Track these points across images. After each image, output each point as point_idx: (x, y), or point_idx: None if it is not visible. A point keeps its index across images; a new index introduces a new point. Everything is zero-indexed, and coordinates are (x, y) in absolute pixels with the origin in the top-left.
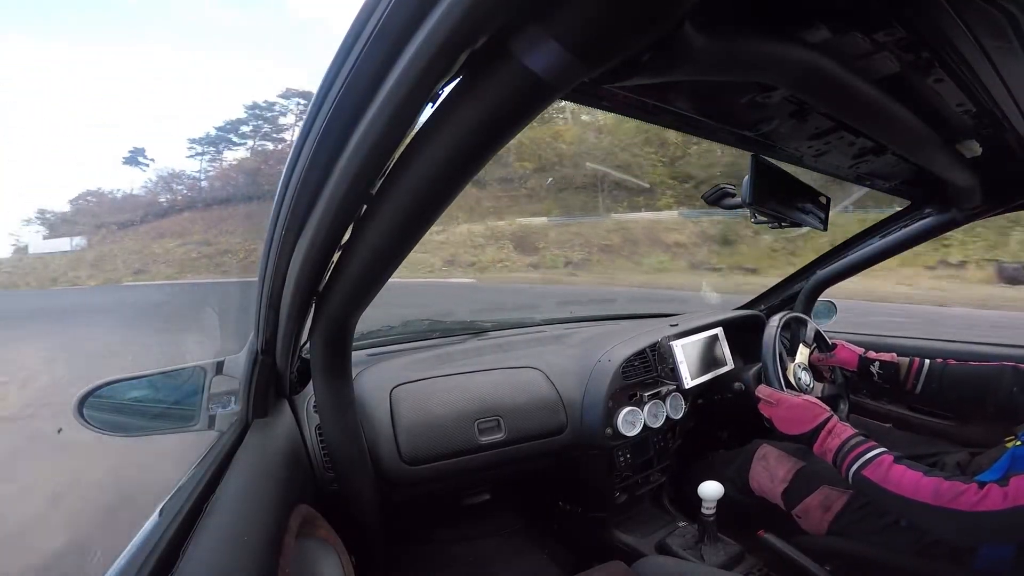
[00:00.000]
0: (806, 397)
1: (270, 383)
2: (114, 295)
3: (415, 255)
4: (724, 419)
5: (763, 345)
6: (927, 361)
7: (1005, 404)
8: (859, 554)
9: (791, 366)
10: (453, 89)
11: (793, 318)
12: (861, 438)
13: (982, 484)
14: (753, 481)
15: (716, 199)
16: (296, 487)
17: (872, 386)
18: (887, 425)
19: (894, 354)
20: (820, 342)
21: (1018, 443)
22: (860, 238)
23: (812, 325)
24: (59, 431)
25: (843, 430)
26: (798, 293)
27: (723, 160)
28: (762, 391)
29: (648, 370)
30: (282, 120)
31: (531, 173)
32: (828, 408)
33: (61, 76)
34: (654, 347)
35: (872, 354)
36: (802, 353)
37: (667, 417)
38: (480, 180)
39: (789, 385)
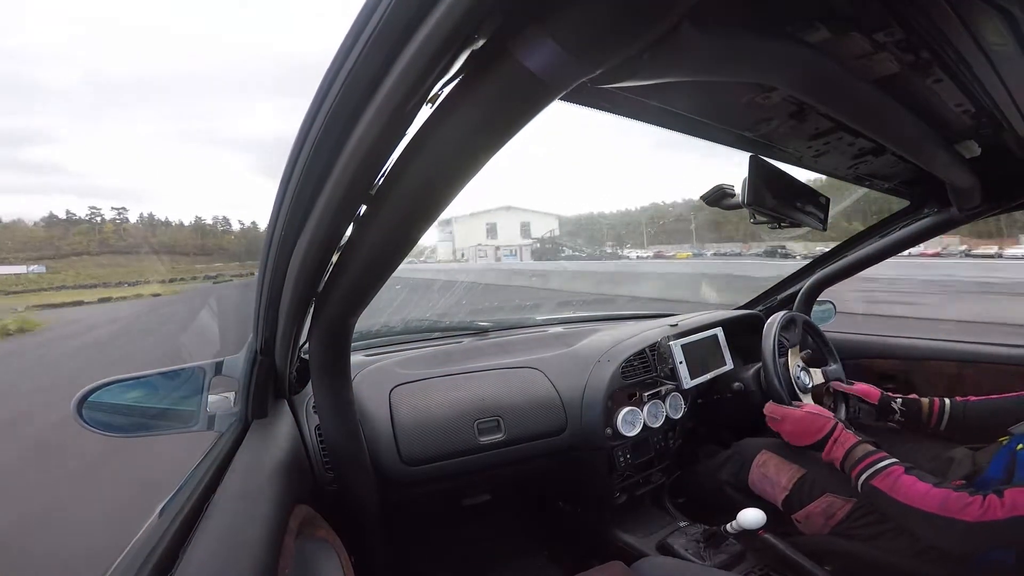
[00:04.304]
0: (808, 407)
1: (269, 383)
2: None
3: None
4: (724, 419)
5: (763, 345)
6: (947, 401)
7: None
8: (859, 555)
9: (791, 366)
10: (452, 89)
11: (792, 318)
12: (869, 447)
13: (985, 495)
14: (753, 487)
15: (715, 199)
16: (295, 487)
17: (890, 422)
18: (890, 424)
19: (915, 394)
20: (820, 341)
21: (1006, 439)
22: (859, 238)
23: (806, 325)
24: None
25: (847, 438)
26: (797, 293)
27: None
28: (768, 408)
29: (648, 370)
30: None
31: None
32: (831, 415)
33: None
34: (654, 347)
35: (891, 394)
36: (794, 356)
37: (667, 417)
38: None
39: (789, 384)
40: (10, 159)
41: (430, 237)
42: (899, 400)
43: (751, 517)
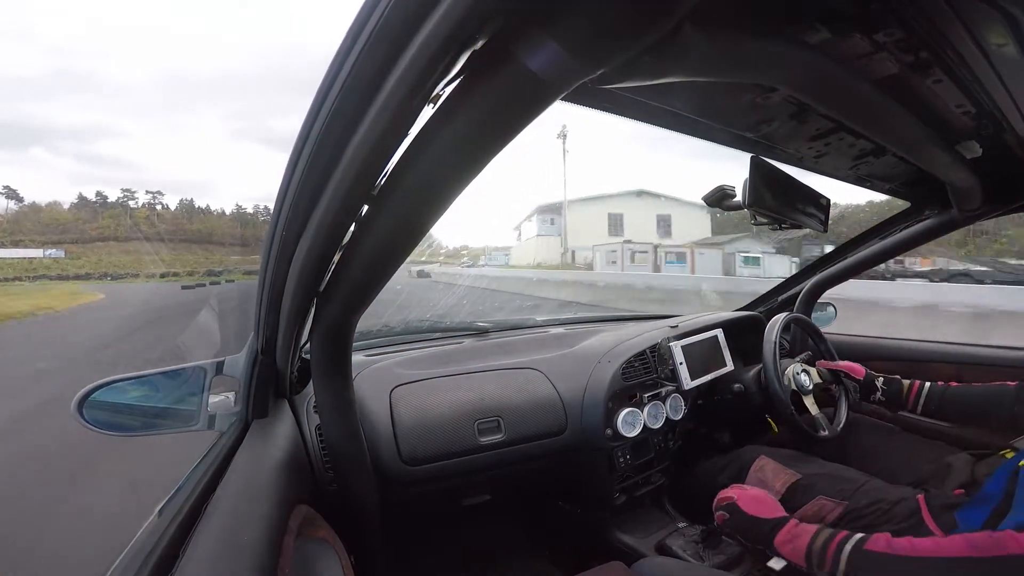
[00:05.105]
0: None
1: (270, 383)
2: None
3: None
4: (723, 420)
5: (764, 346)
6: (927, 384)
7: (1007, 422)
8: None
9: (790, 367)
10: (454, 90)
11: (793, 319)
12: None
13: (1019, 529)
14: None
15: (716, 200)
16: (296, 487)
17: (872, 400)
18: (891, 425)
19: (898, 376)
20: (821, 342)
21: (1010, 454)
22: (860, 240)
23: (806, 327)
24: None
25: (808, 527)
26: (798, 295)
27: None
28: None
29: (648, 371)
30: None
31: None
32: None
33: None
34: (654, 348)
35: (875, 372)
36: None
37: (667, 418)
38: None
39: (789, 386)
40: (81, 152)
41: (515, 231)
42: (881, 379)
43: None
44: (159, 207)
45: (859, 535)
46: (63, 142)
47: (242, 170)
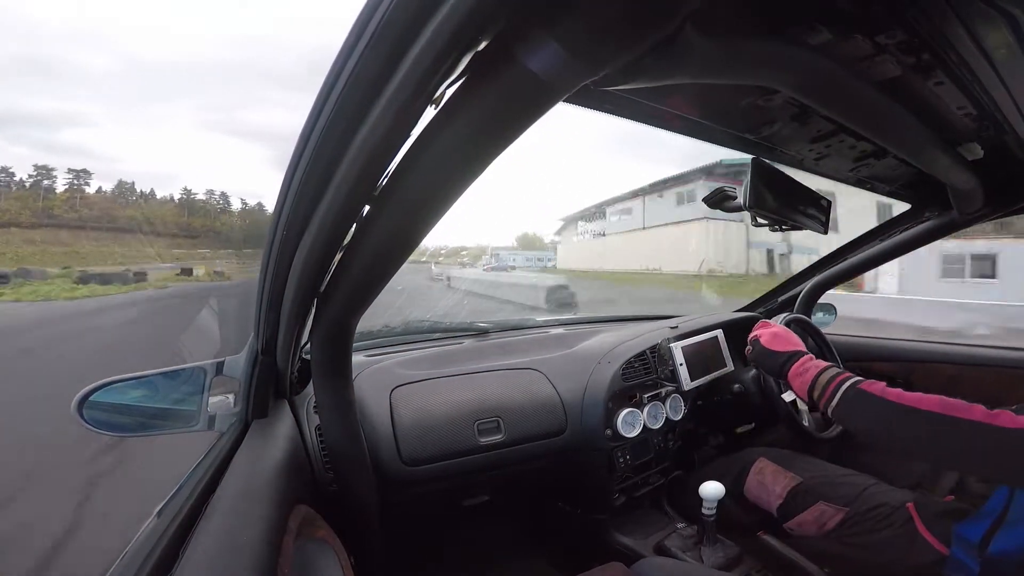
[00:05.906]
0: None
1: (270, 384)
2: None
3: None
4: (724, 421)
5: None
6: None
7: None
8: (859, 558)
9: None
10: (456, 91)
11: (793, 320)
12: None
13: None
14: (749, 493)
15: (716, 201)
16: (295, 488)
17: None
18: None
19: None
20: (821, 343)
21: None
22: (861, 241)
23: (807, 327)
24: None
25: (821, 363)
26: (798, 295)
27: None
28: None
29: (648, 372)
30: None
31: None
32: None
33: None
34: (654, 349)
35: None
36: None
37: (666, 418)
38: None
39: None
40: (44, 141)
41: (563, 220)
42: None
43: (711, 489)
44: (87, 189)
45: (859, 377)
46: (19, 128)
47: (211, 161)
